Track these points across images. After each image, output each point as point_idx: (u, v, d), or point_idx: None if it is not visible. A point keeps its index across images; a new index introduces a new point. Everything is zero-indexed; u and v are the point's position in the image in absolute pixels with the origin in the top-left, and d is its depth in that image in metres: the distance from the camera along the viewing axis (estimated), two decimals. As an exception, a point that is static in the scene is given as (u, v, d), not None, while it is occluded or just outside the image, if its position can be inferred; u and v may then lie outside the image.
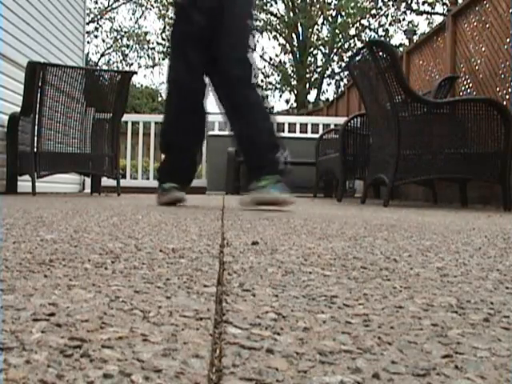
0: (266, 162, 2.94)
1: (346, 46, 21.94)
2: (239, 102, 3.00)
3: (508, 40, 4.60)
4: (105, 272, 0.87)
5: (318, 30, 22.52)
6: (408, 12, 20.34)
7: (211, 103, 3.24)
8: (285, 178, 2.91)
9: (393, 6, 20.50)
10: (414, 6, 19.74)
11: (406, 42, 16.89)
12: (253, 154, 3.03)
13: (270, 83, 22.86)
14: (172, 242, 1.30)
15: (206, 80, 3.13)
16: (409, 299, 0.74)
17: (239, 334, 0.55)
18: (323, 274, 0.92)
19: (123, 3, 24.67)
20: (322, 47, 22.32)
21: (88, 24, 21.18)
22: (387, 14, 21.14)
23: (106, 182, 5.78)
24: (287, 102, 23.43)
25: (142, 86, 26.70)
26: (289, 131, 8.06)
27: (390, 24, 21.36)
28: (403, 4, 19.71)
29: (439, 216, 2.85)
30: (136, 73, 5.73)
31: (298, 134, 8.05)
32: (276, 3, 22.51)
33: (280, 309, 0.66)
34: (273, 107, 21.14)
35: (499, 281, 0.90)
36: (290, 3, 21.89)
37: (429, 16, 20.44)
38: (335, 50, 22.24)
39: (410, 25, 18.66)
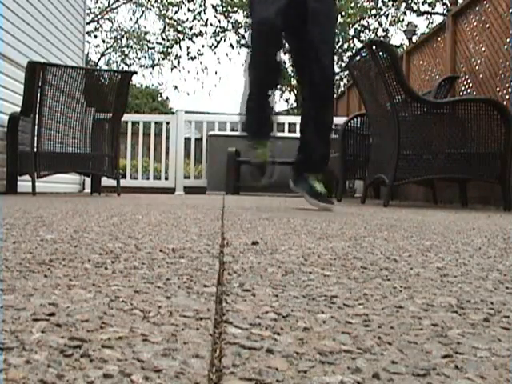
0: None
1: (346, 46, 21.94)
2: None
3: (508, 40, 4.60)
4: (105, 272, 0.87)
5: (318, 30, 22.49)
6: (408, 12, 20.33)
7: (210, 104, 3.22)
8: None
9: (393, 6, 20.49)
10: (414, 7, 19.74)
11: (406, 42, 16.89)
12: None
13: (270, 83, 22.81)
14: (172, 241, 1.30)
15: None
16: (409, 299, 0.74)
17: (239, 333, 0.55)
18: (323, 273, 0.92)
19: (123, 3, 24.64)
20: (322, 47, 22.29)
21: (88, 24, 21.15)
22: (387, 14, 21.14)
23: (106, 181, 5.77)
24: (287, 101, 23.42)
25: (141, 85, 26.68)
26: (289, 131, 8.04)
27: (390, 24, 21.36)
28: (403, 4, 19.70)
29: (439, 216, 2.85)
30: (136, 73, 5.73)
31: (298, 134, 8.02)
32: (276, 3, 22.48)
33: (280, 309, 0.66)
34: (273, 107, 21.08)
35: (499, 281, 0.90)
36: (290, 3, 21.85)
37: (429, 16, 20.43)
38: (335, 50, 22.25)
39: (410, 25, 18.65)
